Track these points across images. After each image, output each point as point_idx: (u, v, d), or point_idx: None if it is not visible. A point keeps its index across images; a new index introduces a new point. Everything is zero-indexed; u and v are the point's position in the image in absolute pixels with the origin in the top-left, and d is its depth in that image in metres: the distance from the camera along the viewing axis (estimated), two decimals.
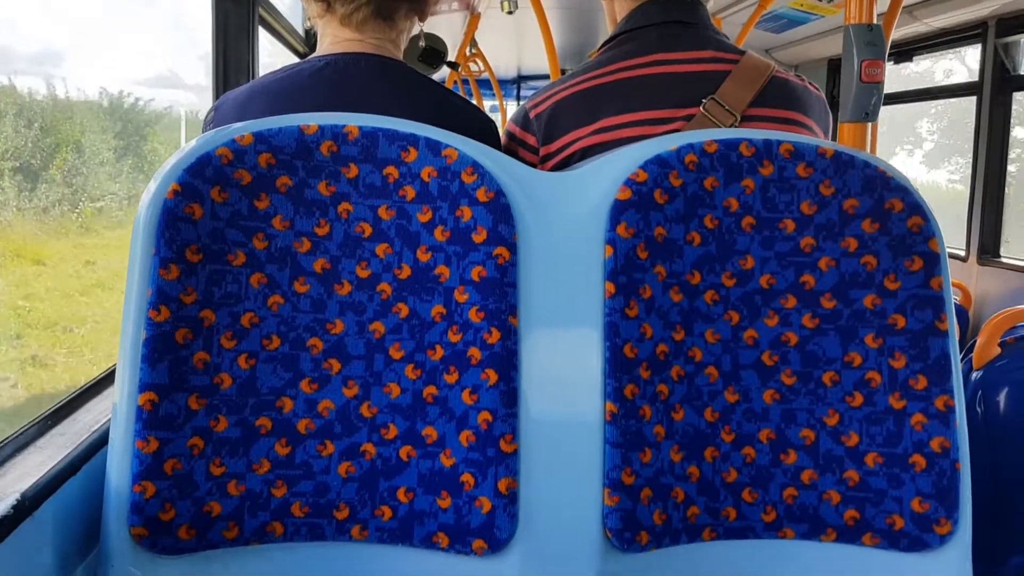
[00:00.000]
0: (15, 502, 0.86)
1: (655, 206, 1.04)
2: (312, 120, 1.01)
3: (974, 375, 2.32)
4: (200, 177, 0.97)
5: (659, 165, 1.04)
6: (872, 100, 1.28)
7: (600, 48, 1.41)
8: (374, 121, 1.03)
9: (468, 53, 5.56)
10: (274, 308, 1.00)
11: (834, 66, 5.29)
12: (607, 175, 1.06)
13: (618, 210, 1.04)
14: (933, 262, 1.04)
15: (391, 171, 1.02)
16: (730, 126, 1.24)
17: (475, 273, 1.02)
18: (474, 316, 1.01)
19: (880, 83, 1.29)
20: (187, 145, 0.99)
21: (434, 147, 1.02)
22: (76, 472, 0.99)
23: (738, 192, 1.05)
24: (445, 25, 5.31)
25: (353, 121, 1.02)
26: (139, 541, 0.94)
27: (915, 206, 1.04)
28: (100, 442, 1.06)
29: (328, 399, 1.01)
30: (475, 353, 1.01)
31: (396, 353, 1.02)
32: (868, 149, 1.37)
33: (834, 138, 1.39)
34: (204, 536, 0.97)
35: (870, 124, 1.32)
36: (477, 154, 1.03)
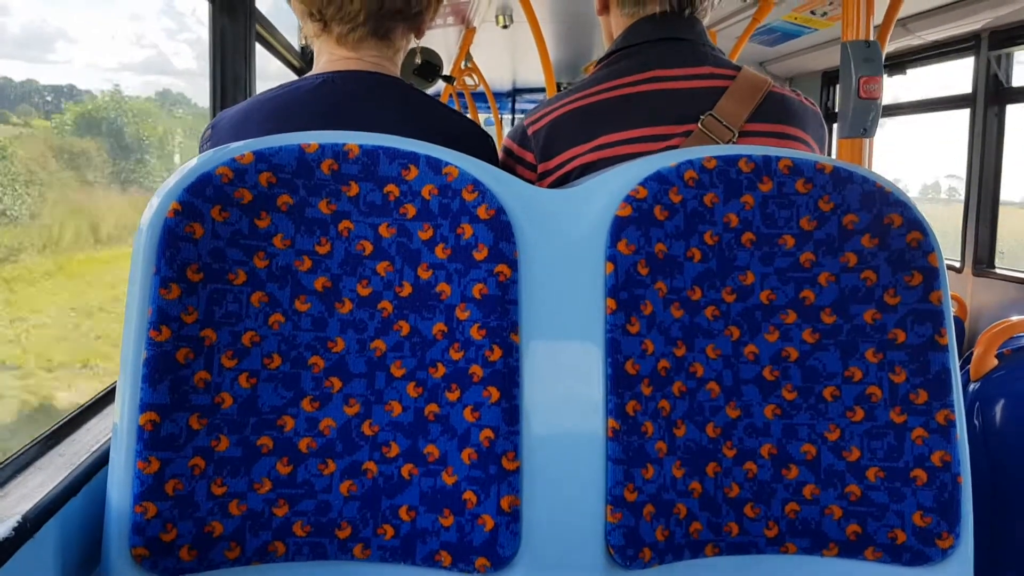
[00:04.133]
0: (16, 524, 0.86)
1: (655, 222, 1.04)
2: (312, 138, 1.02)
3: (971, 387, 2.32)
4: (200, 196, 0.97)
5: (659, 181, 1.05)
6: (870, 116, 1.28)
7: (597, 64, 1.41)
8: (374, 139, 1.03)
9: (463, 67, 5.58)
10: (275, 327, 1.00)
11: (828, 79, 5.32)
12: (607, 192, 1.06)
13: (618, 227, 1.04)
14: (932, 276, 1.05)
15: (392, 189, 1.02)
16: (728, 142, 1.25)
17: (476, 290, 1.02)
18: (475, 333, 1.01)
19: (878, 99, 1.30)
20: (187, 164, 0.99)
21: (435, 165, 1.03)
22: (77, 493, 0.99)
23: (738, 208, 1.05)
24: (440, 39, 5.32)
25: (353, 139, 1.02)
26: (140, 562, 0.94)
27: (914, 221, 1.05)
28: (100, 462, 1.05)
29: (329, 417, 1.01)
30: (477, 370, 1.01)
31: (397, 371, 1.02)
32: (865, 164, 1.38)
33: (829, 151, 1.40)
34: (206, 556, 0.96)
35: (867, 139, 1.33)
36: (478, 172, 1.03)
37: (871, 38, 1.40)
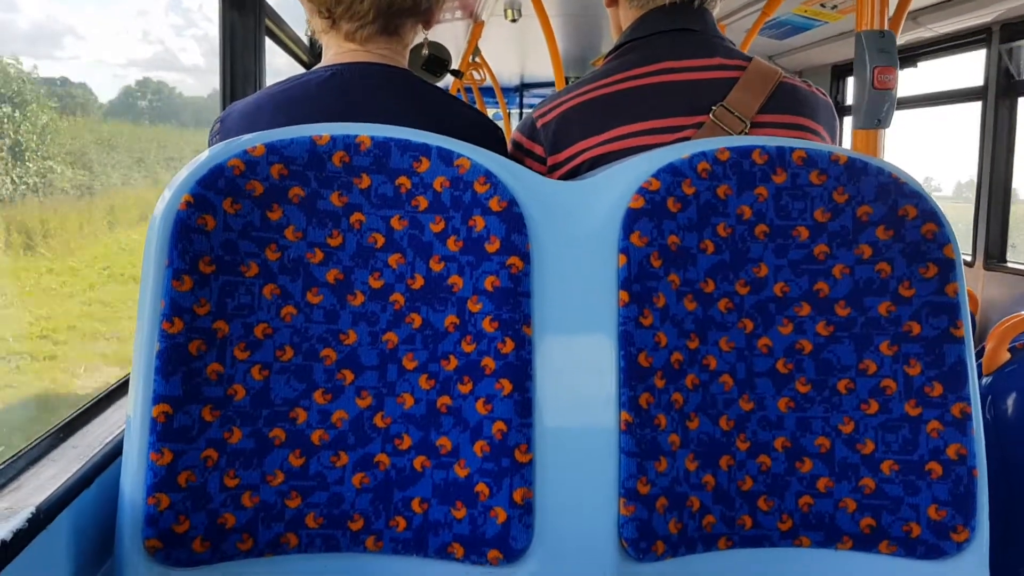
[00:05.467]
0: (30, 516, 0.86)
1: (668, 214, 1.04)
2: (324, 130, 1.01)
3: (983, 381, 2.31)
4: (212, 188, 0.97)
5: (672, 173, 1.04)
6: (884, 107, 1.27)
7: (606, 56, 1.41)
8: (386, 131, 1.03)
9: (472, 61, 5.58)
10: (287, 319, 1.00)
11: (837, 72, 5.30)
12: (620, 184, 1.06)
13: (631, 219, 1.03)
14: (948, 268, 1.04)
15: (403, 181, 1.02)
16: (740, 133, 1.24)
17: (488, 283, 1.01)
18: (488, 326, 1.01)
19: (892, 90, 1.29)
20: (199, 157, 0.99)
21: (446, 157, 1.02)
22: (90, 485, 0.99)
23: (751, 200, 1.05)
24: (449, 33, 5.33)
25: (365, 131, 1.02)
26: (153, 554, 0.94)
27: (929, 212, 1.04)
28: (114, 454, 1.05)
29: (342, 410, 1.01)
30: (489, 363, 1.01)
31: (409, 363, 1.02)
32: (880, 155, 1.37)
33: (841, 142, 1.39)
34: (218, 548, 0.97)
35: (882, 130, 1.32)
36: (489, 163, 1.03)
37: (886, 29, 1.40)
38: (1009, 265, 3.74)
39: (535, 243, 1.03)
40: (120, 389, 1.30)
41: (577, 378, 1.03)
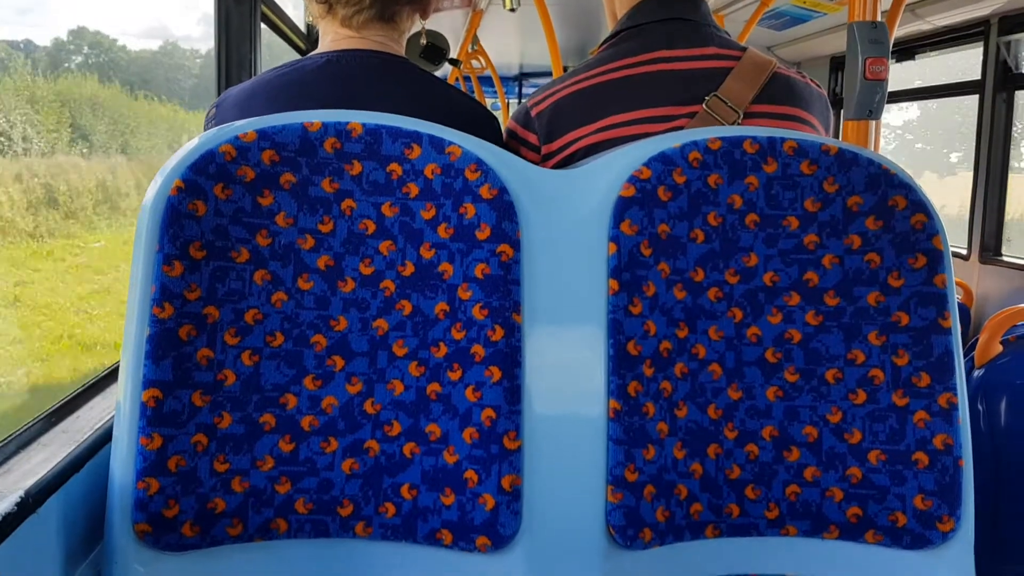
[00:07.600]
0: (19, 499, 0.86)
1: (659, 203, 1.04)
2: (315, 117, 1.01)
3: (976, 373, 2.32)
4: (204, 174, 0.97)
5: (663, 162, 1.04)
6: (876, 97, 1.28)
7: (601, 45, 1.41)
8: (377, 118, 1.03)
9: (470, 50, 5.57)
10: (278, 305, 1.00)
11: (836, 63, 5.29)
12: (611, 172, 1.06)
13: (622, 207, 1.04)
14: (936, 259, 1.04)
15: (394, 168, 1.02)
16: (733, 123, 1.24)
17: (479, 270, 1.02)
18: (477, 313, 1.01)
19: (884, 80, 1.29)
20: (191, 142, 0.99)
21: (437, 144, 1.02)
22: (80, 469, 0.99)
23: (742, 189, 1.05)
24: (447, 22, 5.31)
25: (356, 118, 1.02)
26: (143, 538, 0.94)
27: (918, 203, 1.04)
28: (104, 439, 1.06)
29: (331, 396, 1.01)
30: (479, 350, 1.01)
31: (399, 350, 1.02)
32: (871, 146, 1.37)
33: (836, 135, 1.39)
34: (208, 533, 0.97)
35: (873, 121, 1.32)
36: (480, 151, 1.03)
37: (879, 20, 1.40)
38: (1004, 259, 3.75)
39: (525, 231, 1.03)
40: (111, 375, 1.30)
41: (566, 366, 1.03)
